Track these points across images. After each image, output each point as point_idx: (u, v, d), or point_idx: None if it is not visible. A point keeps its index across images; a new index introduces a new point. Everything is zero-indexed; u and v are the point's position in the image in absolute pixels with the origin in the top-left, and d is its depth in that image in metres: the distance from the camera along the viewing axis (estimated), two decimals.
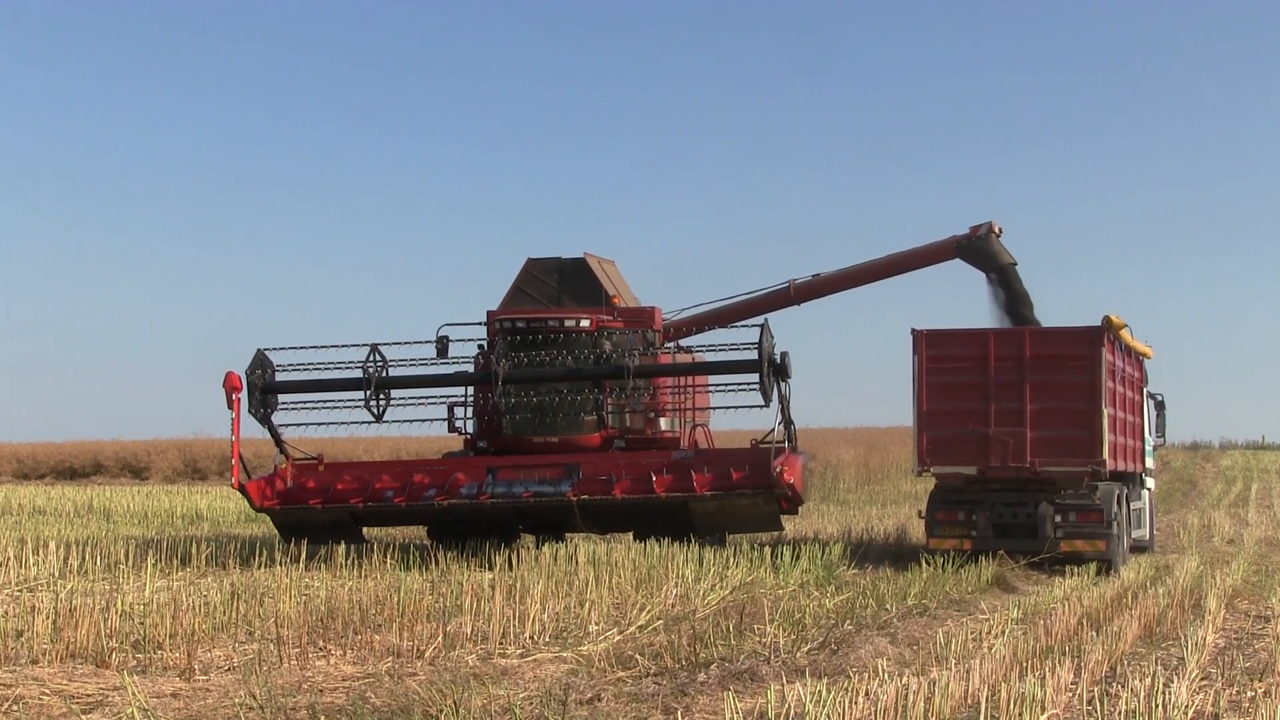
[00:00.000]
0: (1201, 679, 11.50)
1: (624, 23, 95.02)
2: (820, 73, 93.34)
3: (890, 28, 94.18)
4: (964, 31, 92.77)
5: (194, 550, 20.11)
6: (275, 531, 23.47)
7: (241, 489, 22.37)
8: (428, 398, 22.97)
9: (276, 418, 22.54)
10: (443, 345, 22.77)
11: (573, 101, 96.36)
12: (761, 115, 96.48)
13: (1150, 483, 28.70)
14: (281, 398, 22.59)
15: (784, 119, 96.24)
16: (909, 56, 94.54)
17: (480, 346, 23.67)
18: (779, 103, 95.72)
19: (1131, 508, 24.80)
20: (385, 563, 19.28)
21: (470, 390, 23.46)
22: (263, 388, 22.24)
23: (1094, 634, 14.00)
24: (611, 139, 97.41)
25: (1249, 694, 10.89)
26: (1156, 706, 9.74)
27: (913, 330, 22.95)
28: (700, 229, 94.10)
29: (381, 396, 22.47)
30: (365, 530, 23.68)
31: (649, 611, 14.53)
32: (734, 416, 22.90)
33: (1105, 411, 22.26)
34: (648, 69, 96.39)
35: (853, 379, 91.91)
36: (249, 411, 22.20)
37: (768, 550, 20.36)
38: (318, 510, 22.36)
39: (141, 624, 12.78)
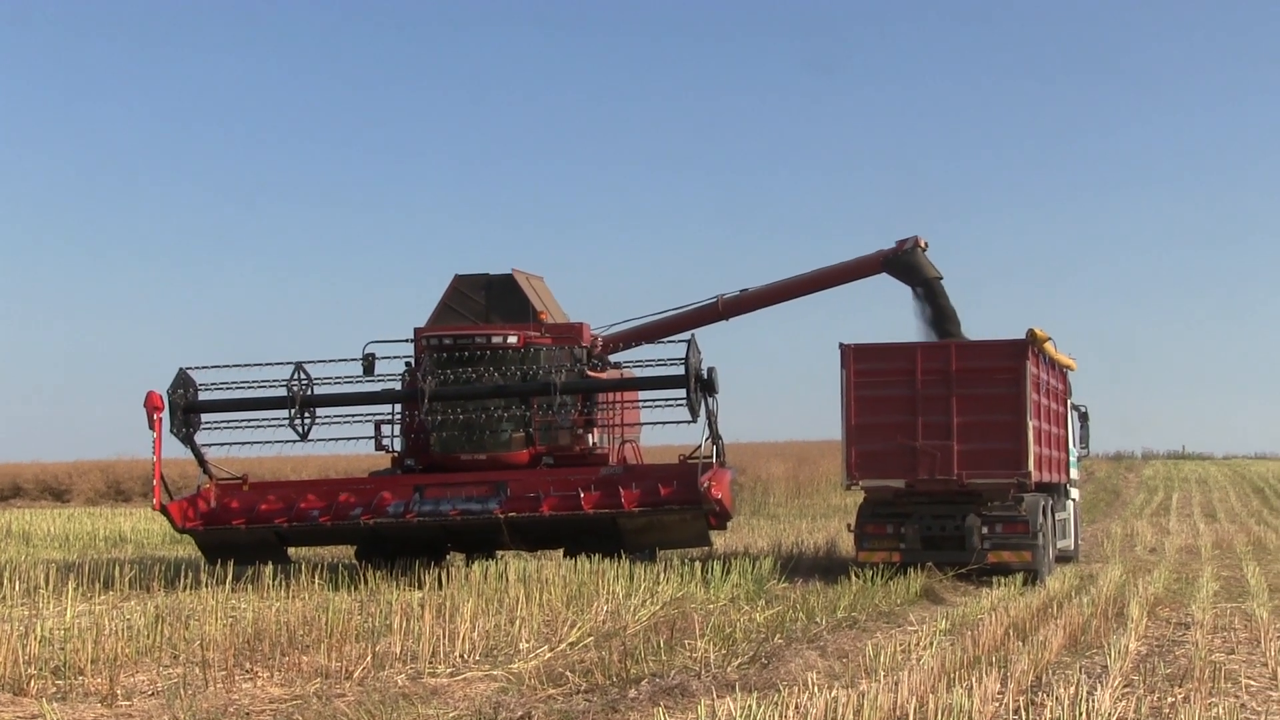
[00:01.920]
0: (1124, 686, 11.67)
1: (552, 37, 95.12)
2: (751, 88, 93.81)
3: (805, 43, 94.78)
4: (886, 47, 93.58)
5: (117, 573, 19.88)
6: (200, 553, 23.25)
7: (163, 510, 22.14)
8: (354, 416, 22.85)
9: (200, 437, 22.34)
10: (369, 363, 22.66)
11: (501, 118, 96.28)
12: (689, 133, 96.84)
13: (1075, 493, 29.02)
14: (205, 417, 22.38)
15: (713, 136, 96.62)
16: (827, 74, 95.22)
17: (407, 364, 23.58)
18: (707, 120, 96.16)
19: (1056, 518, 25.08)
20: (313, 583, 19.15)
21: (397, 408, 23.36)
22: (185, 407, 22.04)
23: (1020, 644, 14.16)
24: (541, 155, 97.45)
25: (1169, 700, 11.06)
26: (1080, 715, 9.88)
27: (841, 345, 23.08)
28: (629, 245, 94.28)
29: (307, 415, 22.32)
30: (293, 550, 23.50)
31: (580, 628, 14.54)
32: (664, 432, 22.98)
33: (1030, 424, 22.49)
34: (574, 85, 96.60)
35: (782, 394, 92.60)
36: (171, 431, 21.99)
37: (698, 565, 20.41)
38: (242, 531, 22.17)
39: (62, 650, 12.63)
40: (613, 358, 25.44)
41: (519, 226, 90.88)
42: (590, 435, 23.74)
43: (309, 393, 22.29)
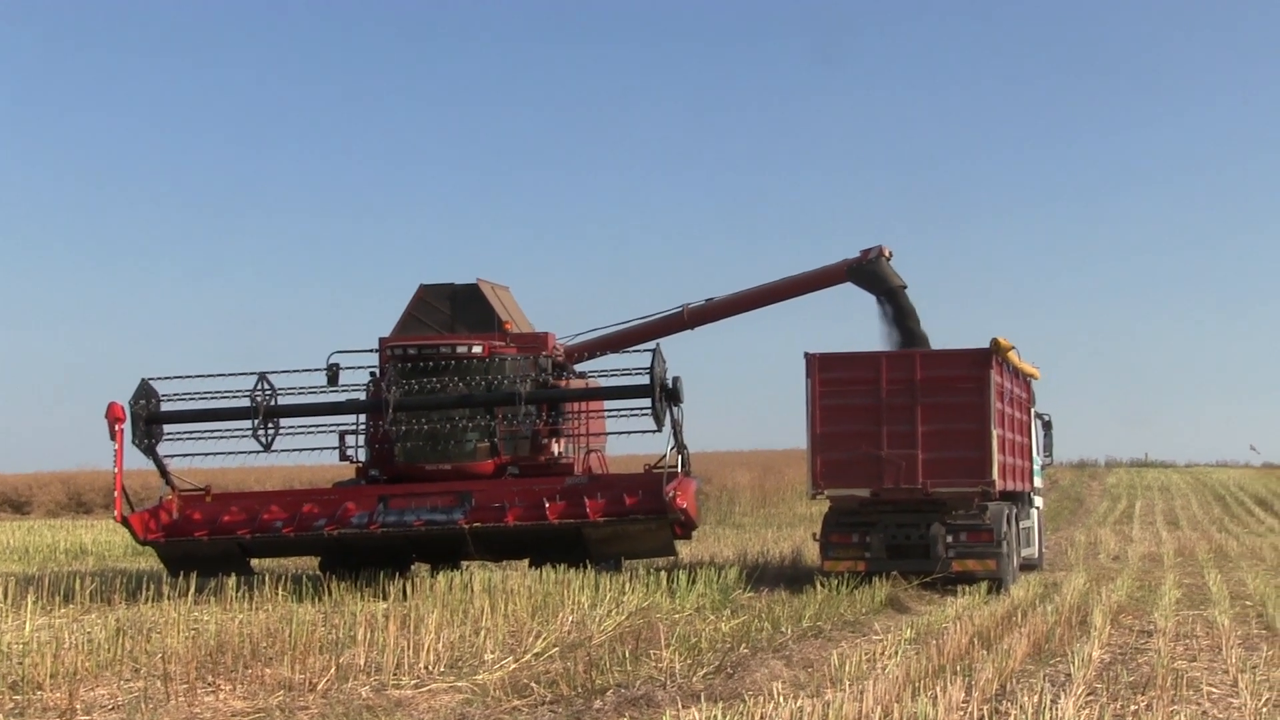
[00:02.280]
0: (1088, 694, 11.72)
1: (520, 46, 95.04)
2: (719, 102, 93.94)
3: (750, 60, 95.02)
4: (839, 58, 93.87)
5: (78, 586, 19.74)
6: (162, 565, 23.11)
7: (124, 522, 22.02)
8: (318, 426, 22.82)
9: (162, 448, 22.22)
10: (333, 373, 22.59)
11: (467, 127, 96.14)
12: (657, 144, 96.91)
13: (1039, 501, 29.15)
14: (167, 428, 22.28)
15: (682, 146, 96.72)
16: (791, 84, 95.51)
17: (372, 374, 23.50)
18: (675, 130, 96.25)
19: (1021, 527, 25.17)
20: (277, 594, 19.06)
21: (362, 418, 23.31)
22: (147, 418, 21.92)
23: (985, 652, 14.21)
24: (507, 165, 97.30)
25: (1132, 708, 11.13)
26: None
27: (806, 354, 23.13)
28: (596, 255, 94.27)
29: (270, 425, 22.24)
30: (257, 562, 23.39)
31: (545, 639, 14.51)
32: (629, 442, 23.01)
33: (994, 432, 22.58)
34: (538, 95, 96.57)
35: (748, 403, 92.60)
36: (133, 442, 21.87)
37: (664, 575, 20.42)
38: (204, 542, 22.07)
39: (20, 664, 12.53)
40: (578, 367, 25.41)
41: (485, 236, 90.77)
42: (555, 445, 23.73)
43: (273, 403, 22.20)
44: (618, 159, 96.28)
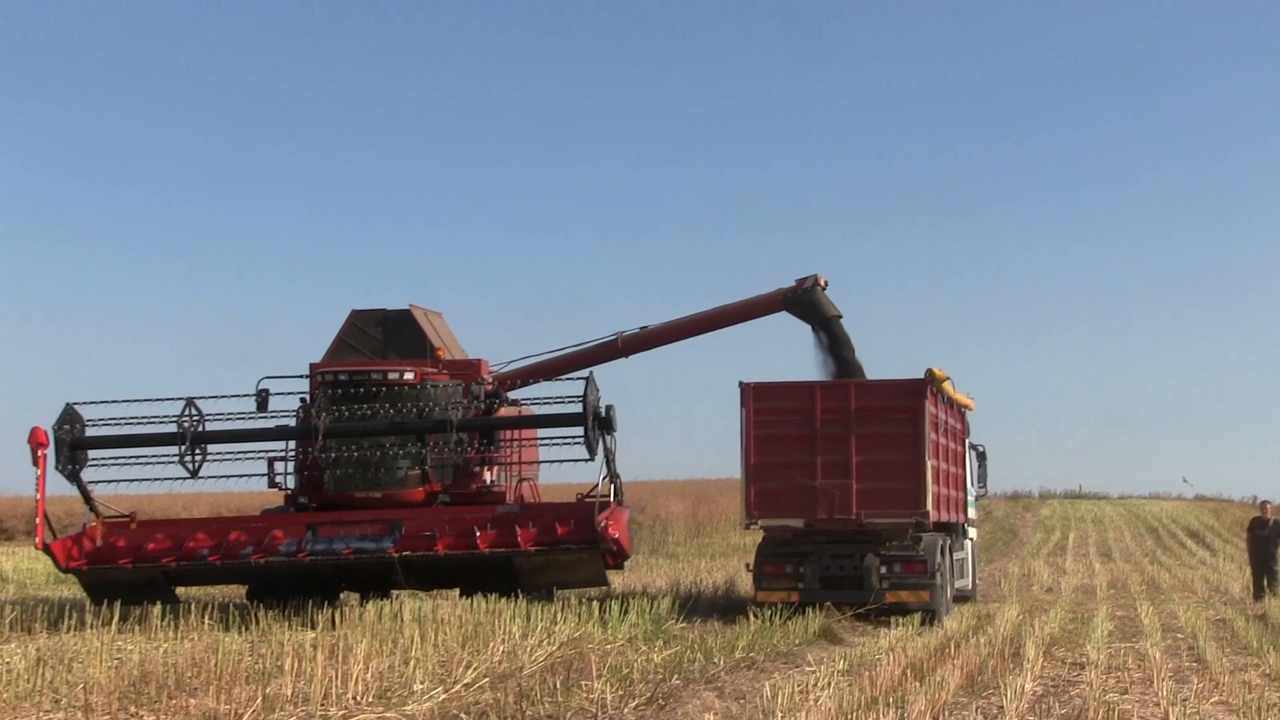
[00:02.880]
0: None
1: (444, 69, 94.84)
2: (657, 129, 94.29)
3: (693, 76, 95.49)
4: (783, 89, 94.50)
5: None
6: (85, 593, 22.86)
7: (46, 549, 21.78)
8: (247, 453, 22.69)
9: (86, 474, 22.00)
10: (263, 399, 22.53)
11: (399, 151, 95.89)
12: (586, 168, 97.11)
13: (973, 532, 29.38)
14: (92, 453, 22.07)
15: (612, 171, 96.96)
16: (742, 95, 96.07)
17: (302, 400, 23.41)
18: (606, 156, 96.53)
19: (955, 558, 25.36)
20: (203, 623, 18.90)
21: (291, 445, 23.21)
22: (71, 443, 21.72)
23: (918, 684, 14.30)
24: (442, 191, 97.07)
25: None
26: None
27: (741, 383, 23.25)
28: (530, 282, 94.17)
29: (198, 452, 22.10)
30: (183, 590, 23.19)
31: (475, 669, 14.47)
32: (562, 471, 23.04)
33: (929, 463, 22.76)
34: (475, 122, 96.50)
35: (682, 432, 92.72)
36: (56, 468, 21.66)
37: (596, 605, 20.41)
38: (128, 570, 21.85)
39: None
40: (511, 395, 25.39)
41: (419, 262, 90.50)
42: (487, 473, 23.69)
43: (200, 429, 22.08)
44: (553, 185, 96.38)
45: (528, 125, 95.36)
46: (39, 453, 21.47)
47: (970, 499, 28.05)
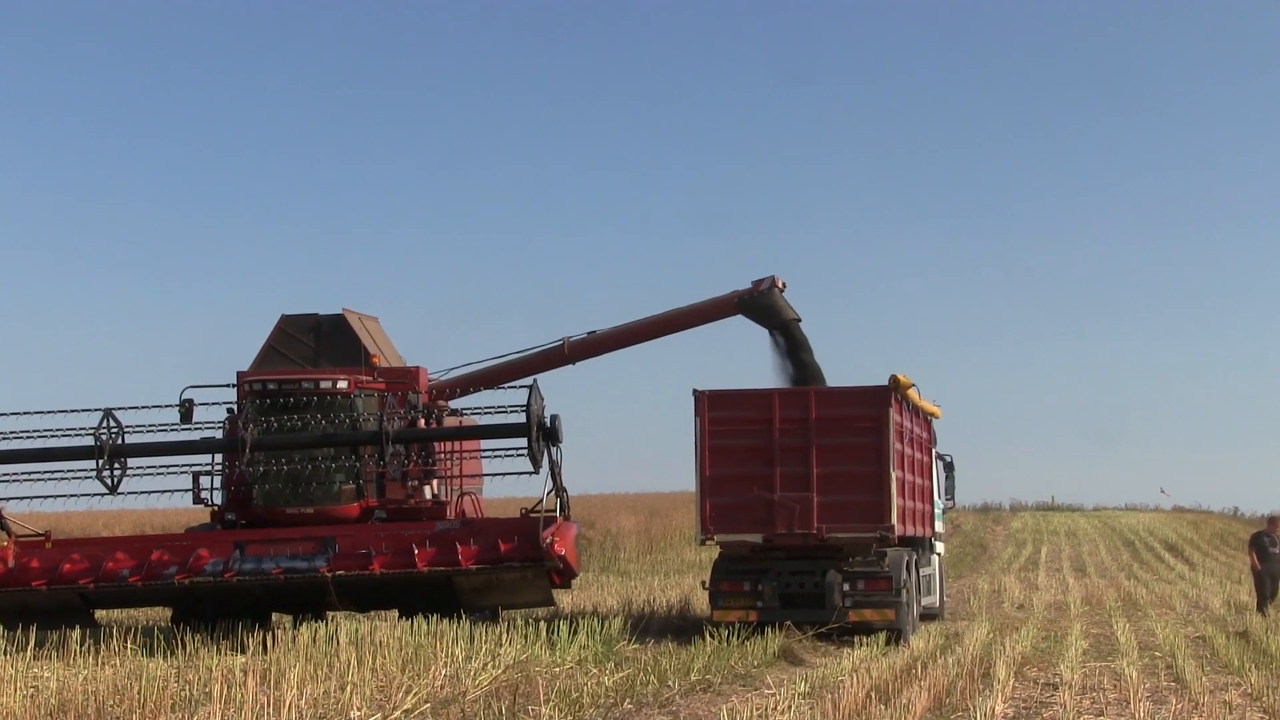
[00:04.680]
0: None
1: (372, 64, 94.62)
2: (599, 132, 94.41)
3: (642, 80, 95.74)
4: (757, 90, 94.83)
5: None
6: None
7: None
8: (170, 467, 22.70)
9: None
10: (186, 409, 22.52)
11: (333, 147, 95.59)
12: (533, 165, 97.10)
13: (940, 547, 29.60)
14: (1, 469, 22.00)
15: (560, 173, 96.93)
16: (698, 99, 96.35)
17: (229, 410, 23.42)
18: (553, 152, 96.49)
19: (921, 574, 25.54)
20: (125, 649, 18.87)
21: (217, 458, 23.20)
22: None
23: (883, 707, 14.45)
24: (378, 189, 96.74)
25: None
26: None
27: (694, 391, 23.33)
28: (471, 285, 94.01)
29: (116, 466, 22.08)
30: (103, 614, 23.14)
31: (415, 694, 14.53)
32: (506, 484, 23.13)
33: (893, 475, 22.90)
34: (407, 117, 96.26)
35: (633, 443, 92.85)
36: None
37: (543, 625, 20.49)
38: (43, 593, 21.79)
39: None
40: (452, 404, 25.47)
41: (353, 264, 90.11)
42: (426, 487, 23.75)
43: (119, 442, 22.05)
44: (493, 184, 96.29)
45: (468, 121, 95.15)
46: None
47: (937, 512, 28.26)
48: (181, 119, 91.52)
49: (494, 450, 22.66)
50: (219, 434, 23.14)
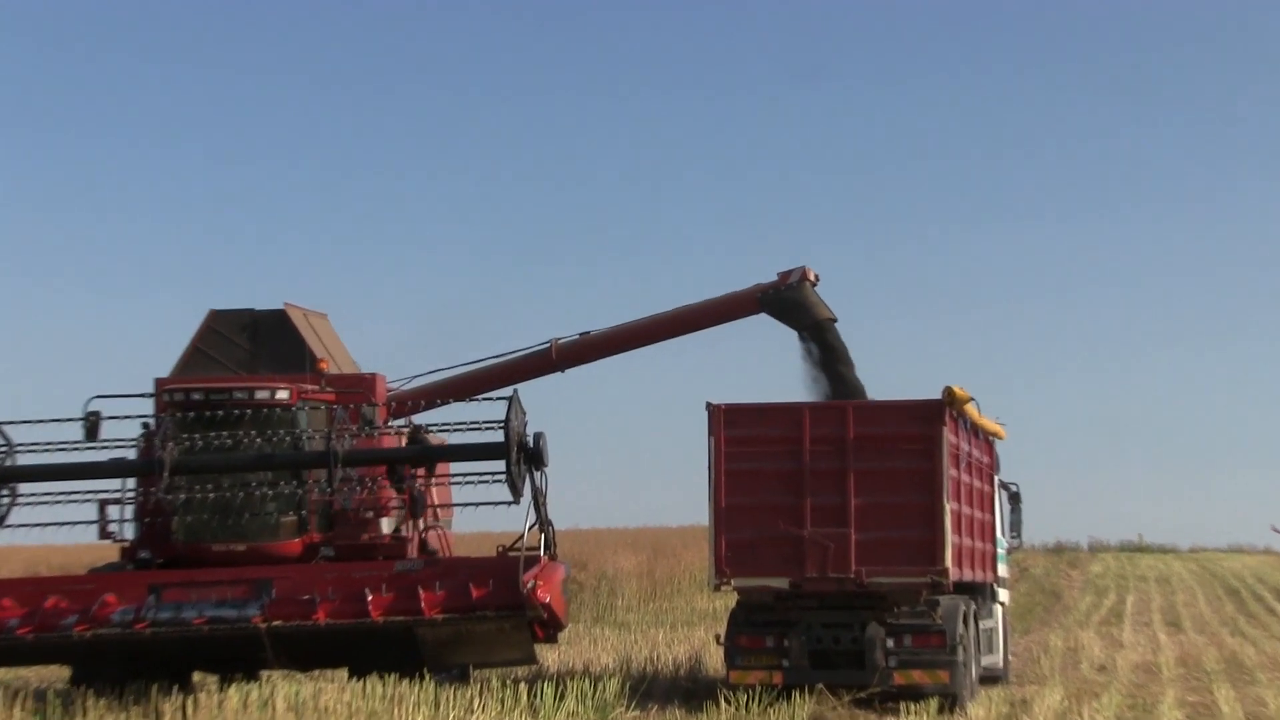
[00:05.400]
0: None
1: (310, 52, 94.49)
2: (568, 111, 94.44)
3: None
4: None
5: None
6: None
7: None
8: (72, 493, 22.68)
9: None
10: (93, 424, 22.51)
11: (275, 122, 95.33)
12: (506, 143, 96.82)
13: (1004, 595, 29.47)
14: None
15: (535, 149, 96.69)
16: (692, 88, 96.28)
17: (145, 425, 23.33)
18: (523, 129, 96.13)
19: (981, 628, 25.42)
20: (13, 715, 18.77)
21: (129, 483, 23.10)
22: None
23: None
24: (328, 165, 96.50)
25: None
26: None
27: (708, 405, 23.28)
28: (439, 276, 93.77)
29: (4, 492, 22.04)
30: None
31: None
32: (482, 516, 23.04)
33: (947, 506, 22.81)
34: (364, 81, 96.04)
35: (634, 467, 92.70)
36: None
37: (524, 688, 20.40)
38: None
39: None
40: (415, 419, 25.39)
41: (297, 251, 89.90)
42: (384, 520, 23.66)
43: (8, 463, 22.00)
44: (473, 151, 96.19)
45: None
46: None
47: (1000, 553, 28.14)
48: (103, 107, 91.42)
49: (466, 475, 22.60)
50: (132, 454, 23.02)
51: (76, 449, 22.46)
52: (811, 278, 27.49)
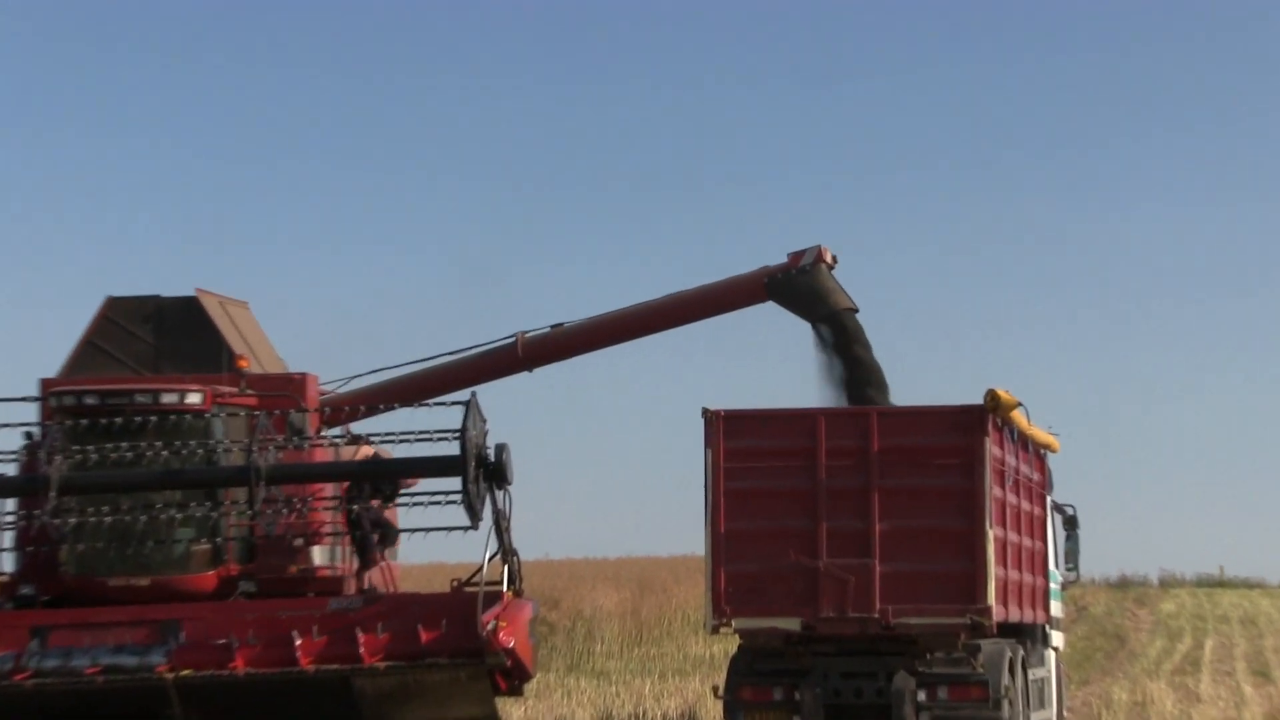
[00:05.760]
0: None
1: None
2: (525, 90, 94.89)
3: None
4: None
5: None
6: None
7: None
8: None
9: None
10: None
11: (182, 94, 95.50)
12: (449, 120, 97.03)
13: (1058, 639, 29.46)
14: None
15: (486, 129, 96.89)
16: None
17: (27, 435, 23.24)
18: (473, 108, 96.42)
19: (1031, 678, 25.41)
20: None
21: (8, 504, 23.00)
22: None
23: None
24: (249, 136, 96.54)
25: None
26: None
27: (704, 411, 23.26)
28: (383, 257, 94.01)
29: None
30: None
31: None
32: (433, 543, 22.96)
33: (990, 533, 22.79)
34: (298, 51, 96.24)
35: (617, 485, 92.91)
36: None
37: None
38: None
39: None
40: (354, 427, 25.33)
41: (212, 231, 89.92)
42: (315, 548, 23.56)
43: None
44: (409, 134, 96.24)
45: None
46: None
47: (1054, 588, 28.12)
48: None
49: (415, 495, 22.52)
50: (12, 470, 22.93)
51: None
52: (828, 259, 27.31)
